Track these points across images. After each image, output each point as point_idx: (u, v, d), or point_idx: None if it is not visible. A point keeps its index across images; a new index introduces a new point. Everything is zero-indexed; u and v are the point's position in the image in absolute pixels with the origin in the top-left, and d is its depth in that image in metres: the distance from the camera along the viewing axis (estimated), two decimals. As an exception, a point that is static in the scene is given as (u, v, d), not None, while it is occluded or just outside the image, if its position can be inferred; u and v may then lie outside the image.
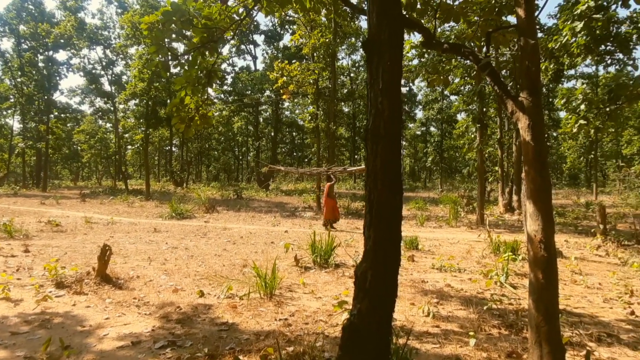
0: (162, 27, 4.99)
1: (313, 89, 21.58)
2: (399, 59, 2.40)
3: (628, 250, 10.27)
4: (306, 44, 20.66)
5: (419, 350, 4.38)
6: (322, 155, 24.67)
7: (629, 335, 4.84)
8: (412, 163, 62.75)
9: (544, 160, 4.02)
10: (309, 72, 20.36)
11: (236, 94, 42.07)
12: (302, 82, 20.79)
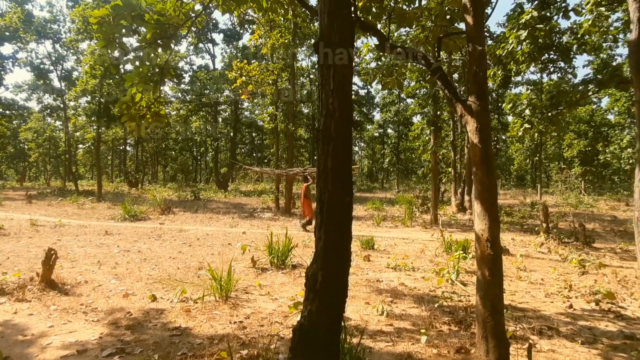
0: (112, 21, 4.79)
1: (272, 90, 21.44)
2: (350, 60, 2.42)
3: (568, 248, 10.94)
4: (265, 44, 20.50)
5: (372, 349, 4.43)
6: (281, 156, 24.55)
7: (567, 328, 5.14)
8: (369, 164, 63.67)
9: (490, 162, 4.20)
10: (268, 73, 20.21)
11: (194, 93, 41.05)
12: (261, 83, 20.60)
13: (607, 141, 37.56)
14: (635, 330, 5.14)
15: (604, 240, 12.88)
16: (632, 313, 5.84)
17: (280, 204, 21.54)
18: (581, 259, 8.91)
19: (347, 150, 2.42)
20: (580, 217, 18.65)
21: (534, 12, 7.90)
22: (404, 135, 47.33)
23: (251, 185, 42.70)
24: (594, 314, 5.74)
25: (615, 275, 7.81)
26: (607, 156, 36.71)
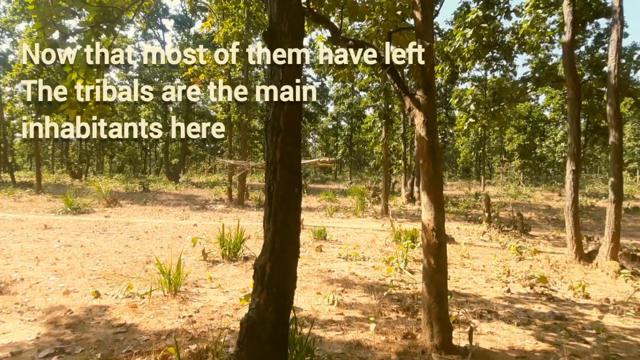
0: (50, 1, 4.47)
1: (225, 79, 20.94)
2: (300, 50, 2.41)
3: (507, 235, 11.63)
4: (218, 33, 19.94)
5: (323, 338, 4.50)
6: (235, 147, 24.12)
7: (505, 311, 5.48)
8: (323, 156, 63.84)
9: (436, 154, 4.36)
10: (221, 62, 19.68)
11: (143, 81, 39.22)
12: (214, 72, 20.05)
13: (544, 136, 40.24)
14: (564, 311, 5.57)
15: (539, 228, 13.82)
16: (562, 295, 6.32)
17: (234, 196, 21.21)
18: (519, 246, 9.51)
19: (296, 141, 2.42)
20: (519, 206, 19.85)
21: (479, 12, 8.25)
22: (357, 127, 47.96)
23: (204, 176, 41.60)
24: (529, 297, 6.16)
25: (548, 261, 8.41)
26: (543, 150, 39.37)
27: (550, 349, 4.26)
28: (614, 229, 7.76)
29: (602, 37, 21.91)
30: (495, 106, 9.59)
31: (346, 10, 5.55)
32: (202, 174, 45.11)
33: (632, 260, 8.58)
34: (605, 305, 5.78)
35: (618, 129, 7.85)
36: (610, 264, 7.60)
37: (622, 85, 8.25)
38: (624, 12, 33.25)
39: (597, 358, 4.05)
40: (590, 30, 23.59)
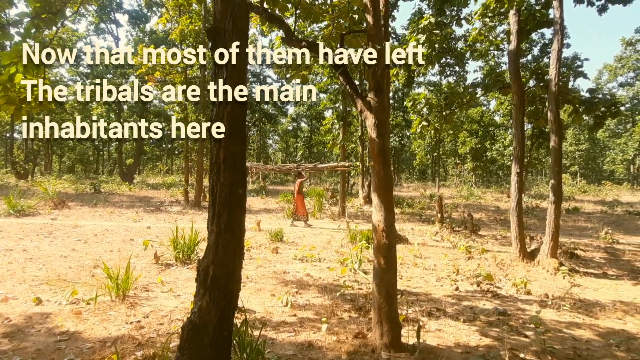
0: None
1: (182, 78, 20.38)
2: (244, 49, 2.38)
3: (458, 235, 12.06)
4: (174, 30, 19.39)
5: (275, 340, 4.47)
6: (192, 147, 23.51)
7: (453, 308, 5.66)
8: (283, 157, 63.85)
9: (387, 156, 4.44)
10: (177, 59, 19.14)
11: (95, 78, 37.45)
12: (169, 70, 19.47)
13: (494, 140, 42.18)
14: (507, 307, 5.83)
15: (488, 228, 14.42)
16: (506, 292, 6.62)
17: (190, 197, 20.69)
18: (468, 245, 9.88)
19: (240, 141, 2.37)
20: (470, 207, 20.65)
21: (431, 18, 8.52)
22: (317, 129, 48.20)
23: (160, 177, 40.27)
24: (475, 295, 6.40)
25: (494, 259, 8.79)
26: (493, 153, 41.26)
27: (493, 344, 4.45)
28: (553, 229, 8.23)
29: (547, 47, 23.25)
30: (447, 110, 9.94)
31: (300, 11, 5.55)
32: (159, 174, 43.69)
33: (570, 257, 9.14)
34: (544, 301, 6.11)
35: (558, 134, 8.33)
36: (550, 262, 8.05)
37: (562, 92, 8.77)
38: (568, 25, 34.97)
39: (534, 351, 4.26)
40: (536, 39, 24.98)
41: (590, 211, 21.58)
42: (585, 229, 14.94)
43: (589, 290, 6.89)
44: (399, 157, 48.18)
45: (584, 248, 10.50)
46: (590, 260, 9.32)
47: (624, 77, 57.40)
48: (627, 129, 51.57)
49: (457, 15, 9.60)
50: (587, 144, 52.25)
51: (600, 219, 17.75)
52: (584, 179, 52.38)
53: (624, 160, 52.28)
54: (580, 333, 4.92)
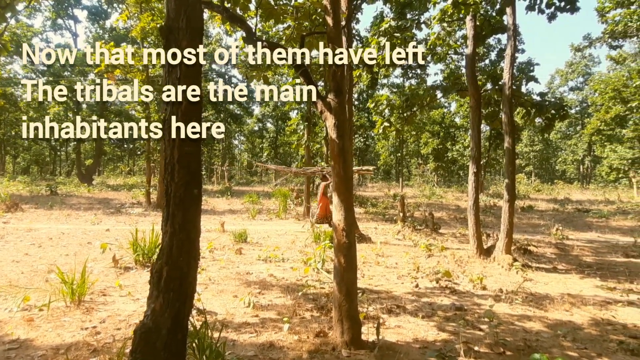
0: None
1: (143, 77, 19.78)
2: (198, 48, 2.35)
3: (419, 234, 12.36)
4: (135, 27, 18.78)
5: (236, 341, 4.44)
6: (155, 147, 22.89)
7: (412, 305, 5.81)
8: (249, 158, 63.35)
9: (346, 156, 4.50)
10: (138, 58, 18.56)
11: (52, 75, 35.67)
12: (129, 68, 18.84)
13: (454, 140, 43.54)
14: (464, 302, 6.04)
15: (448, 226, 14.86)
16: (463, 288, 6.85)
17: (152, 199, 20.13)
18: (429, 243, 10.15)
19: (195, 141, 2.35)
20: (432, 206, 21.20)
21: (392, 22, 8.70)
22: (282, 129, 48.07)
23: (121, 178, 38.86)
24: (434, 291, 6.59)
25: (453, 257, 9.07)
26: (454, 154, 42.58)
27: (450, 338, 4.60)
28: (508, 226, 8.59)
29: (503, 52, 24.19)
30: (408, 111, 10.18)
31: (262, 11, 5.54)
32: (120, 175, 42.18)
33: (524, 253, 9.57)
34: (498, 295, 6.36)
35: (511, 135, 8.71)
36: (505, 258, 8.40)
37: (515, 95, 9.18)
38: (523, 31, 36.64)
39: (488, 344, 4.44)
40: (493, 45, 25.96)
41: (543, 209, 22.64)
42: (538, 226, 15.66)
43: (540, 284, 7.23)
44: (364, 157, 48.81)
45: (537, 244, 11.01)
46: (542, 256, 9.79)
47: (574, 82, 60.77)
48: (577, 131, 54.56)
49: (417, 20, 9.85)
50: (540, 145, 54.88)
51: (552, 217, 18.66)
52: (538, 178, 54.94)
53: (574, 161, 55.27)
54: (530, 325, 5.16)
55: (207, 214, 16.90)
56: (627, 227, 15.86)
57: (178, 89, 2.27)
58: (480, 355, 4.16)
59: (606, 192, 37.59)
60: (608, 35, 19.01)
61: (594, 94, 38.11)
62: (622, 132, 28.34)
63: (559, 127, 56.12)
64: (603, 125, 29.60)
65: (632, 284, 7.36)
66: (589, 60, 58.80)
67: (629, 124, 25.43)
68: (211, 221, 14.51)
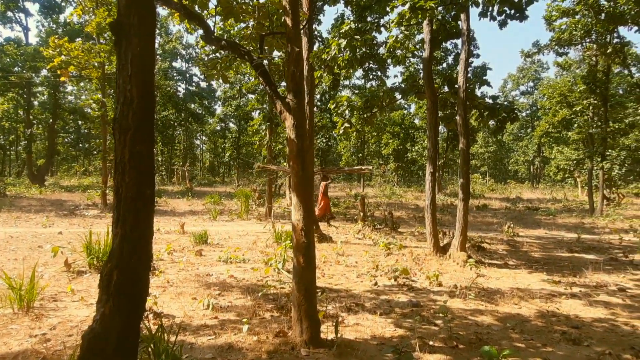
0: None
1: (98, 73, 18.97)
2: (150, 45, 2.30)
3: (379, 233, 12.59)
4: (90, 22, 18.00)
5: (194, 344, 4.37)
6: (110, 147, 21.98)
7: (371, 302, 5.92)
8: (211, 158, 62.44)
9: (305, 156, 4.53)
10: (94, 54, 17.79)
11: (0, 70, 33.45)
12: (85, 64, 18.02)
13: (414, 141, 44.67)
14: (421, 298, 6.23)
15: (407, 225, 15.23)
16: (420, 285, 7.06)
17: (109, 200, 19.37)
18: (388, 242, 10.37)
19: (148, 140, 2.29)
20: (392, 206, 21.65)
21: (352, 24, 8.84)
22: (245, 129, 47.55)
23: (76, 179, 37.03)
24: (392, 289, 6.75)
25: (411, 254, 9.32)
26: (413, 154, 43.66)
27: (406, 334, 4.73)
28: (462, 224, 8.92)
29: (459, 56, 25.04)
30: (368, 112, 10.37)
31: (220, 9, 5.47)
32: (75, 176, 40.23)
33: (477, 250, 9.97)
34: (453, 291, 6.60)
35: (466, 137, 9.06)
36: (459, 255, 8.72)
37: (470, 98, 9.55)
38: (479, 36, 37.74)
39: (442, 338, 4.60)
40: (451, 49, 26.82)
41: (497, 208, 23.66)
42: (492, 224, 16.35)
43: (492, 280, 7.57)
44: (326, 157, 49.07)
45: (490, 241, 11.50)
46: (494, 253, 10.24)
47: (525, 86, 64.00)
48: (528, 133, 57.41)
49: (377, 23, 10.03)
50: (494, 146, 57.32)
51: (504, 215, 19.54)
52: (492, 178, 57.34)
53: (526, 161, 58.16)
54: (482, 319, 5.39)
55: (167, 215, 16.48)
56: (571, 224, 16.86)
57: (129, 86, 2.21)
58: (435, 350, 4.30)
59: (554, 191, 39.79)
60: (555, 43, 20.12)
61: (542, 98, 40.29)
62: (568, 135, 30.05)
63: (511, 129, 58.97)
64: (551, 127, 31.26)
65: (575, 277, 7.83)
66: (539, 66, 62.19)
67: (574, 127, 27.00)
68: (171, 222, 14.16)
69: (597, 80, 20.50)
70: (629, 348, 4.49)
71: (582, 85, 21.64)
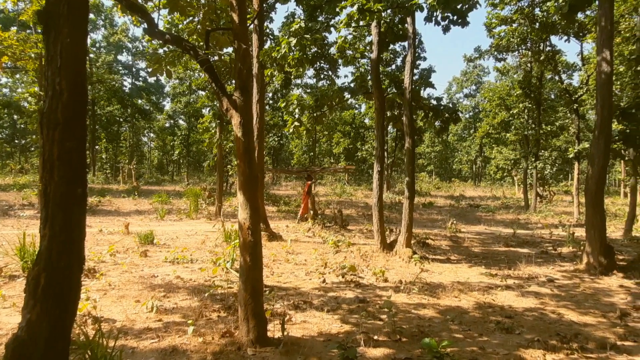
0: None
1: (35, 65, 17.65)
2: (82, 36, 2.18)
3: (329, 231, 12.74)
4: (26, 11, 16.73)
5: (135, 348, 4.22)
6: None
7: (319, 300, 5.98)
8: (160, 156, 60.41)
9: (252, 155, 4.50)
10: (30, 44, 16.52)
11: None
12: (20, 55, 16.70)
13: (364, 141, 45.61)
14: (367, 294, 6.38)
15: (356, 223, 15.52)
16: (367, 281, 7.23)
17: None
18: (337, 240, 10.52)
19: (79, 136, 2.17)
20: (342, 204, 21.94)
21: (302, 23, 8.86)
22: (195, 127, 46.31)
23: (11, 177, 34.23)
24: (340, 285, 6.86)
25: (359, 251, 9.52)
26: (363, 153, 44.58)
27: (352, 330, 4.83)
28: (408, 221, 9.24)
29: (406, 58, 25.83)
30: (318, 111, 10.45)
31: (164, 2, 5.30)
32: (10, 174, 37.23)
33: (422, 246, 10.35)
34: (398, 286, 6.82)
35: (411, 136, 9.37)
36: (405, 251, 9.02)
37: (415, 99, 9.89)
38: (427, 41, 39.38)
39: (386, 332, 4.74)
40: (399, 51, 27.59)
41: (441, 205, 24.67)
42: (436, 220, 17.03)
43: (435, 274, 7.89)
44: (278, 156, 48.90)
45: (434, 238, 11.98)
46: (438, 248, 10.68)
47: (468, 89, 67.30)
48: (471, 134, 60.36)
49: (327, 23, 10.13)
50: (440, 146, 59.76)
51: (448, 212, 20.41)
52: (438, 177, 59.75)
53: (469, 161, 61.15)
54: (425, 312, 5.62)
55: (111, 216, 15.74)
56: (508, 220, 17.93)
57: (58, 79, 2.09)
58: (379, 344, 4.43)
59: (494, 189, 42.12)
60: (494, 49, 21.30)
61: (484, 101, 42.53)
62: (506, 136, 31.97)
63: (455, 130, 61.79)
64: (491, 129, 33.09)
65: (510, 270, 8.35)
66: (480, 70, 65.62)
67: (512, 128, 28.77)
68: (115, 223, 13.54)
69: (531, 85, 21.94)
70: (555, 334, 4.85)
71: (518, 90, 23.10)
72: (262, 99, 11.83)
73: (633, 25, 16.25)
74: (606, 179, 9.45)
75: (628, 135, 9.47)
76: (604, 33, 8.56)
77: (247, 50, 4.54)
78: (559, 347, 4.45)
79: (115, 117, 43.98)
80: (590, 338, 4.77)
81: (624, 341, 4.74)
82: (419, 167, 57.07)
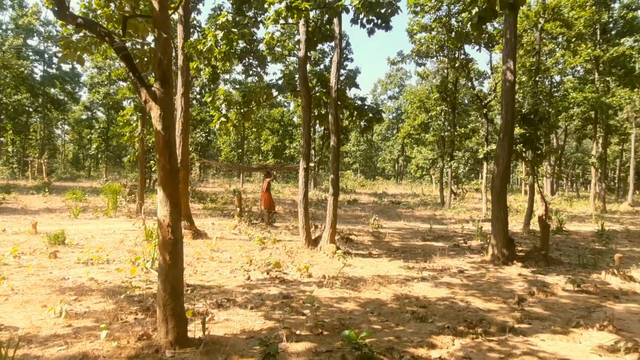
0: None
1: None
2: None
3: (255, 228, 12.67)
4: None
5: (40, 357, 3.92)
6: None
7: (243, 297, 5.96)
8: (75, 150, 55.70)
9: (172, 149, 4.34)
10: None
11: None
12: None
13: (292, 138, 45.87)
14: (291, 290, 6.46)
15: (283, 220, 15.59)
16: (292, 277, 7.32)
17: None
18: (263, 237, 10.50)
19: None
20: (270, 201, 21.86)
21: (229, 16, 8.68)
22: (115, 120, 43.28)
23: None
24: (265, 282, 6.88)
25: (284, 248, 9.59)
26: (292, 151, 44.83)
27: (275, 326, 4.87)
28: (332, 218, 9.48)
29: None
30: (245, 107, 10.34)
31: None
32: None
33: (346, 242, 10.69)
34: (322, 281, 6.98)
35: (337, 135, 9.63)
36: (329, 247, 9.25)
37: (341, 99, 10.17)
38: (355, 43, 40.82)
39: (309, 326, 4.84)
40: (328, 52, 28.06)
41: (365, 202, 25.58)
42: (360, 217, 17.64)
43: (357, 269, 8.19)
44: (205, 152, 47.40)
45: (357, 233, 12.42)
46: (360, 244, 11.08)
47: (392, 91, 70.45)
48: (394, 134, 63.27)
49: (255, 18, 10.04)
50: (365, 145, 61.90)
51: (371, 208, 21.24)
52: (363, 175, 61.87)
53: (391, 160, 64.07)
54: (346, 306, 5.82)
55: (17, 214, 14.28)
56: (426, 216, 19.10)
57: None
58: (301, 339, 4.52)
59: (414, 187, 44.55)
60: (415, 54, 22.53)
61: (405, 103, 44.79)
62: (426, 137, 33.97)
63: (379, 129, 64.40)
64: (412, 130, 34.93)
65: (426, 263, 8.92)
66: (403, 73, 69.04)
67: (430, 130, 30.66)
68: (21, 222, 12.32)
69: (447, 90, 23.55)
70: (463, 321, 5.28)
71: (436, 94, 24.68)
72: (187, 92, 11.41)
73: (534, 40, 18.11)
74: (510, 177, 10.43)
75: (527, 138, 10.55)
76: (508, 45, 9.44)
77: (168, 40, 4.38)
78: (465, 333, 4.85)
79: (24, 106, 39.67)
80: (493, 322, 5.25)
81: (520, 324, 5.29)
82: (345, 165, 58.59)
